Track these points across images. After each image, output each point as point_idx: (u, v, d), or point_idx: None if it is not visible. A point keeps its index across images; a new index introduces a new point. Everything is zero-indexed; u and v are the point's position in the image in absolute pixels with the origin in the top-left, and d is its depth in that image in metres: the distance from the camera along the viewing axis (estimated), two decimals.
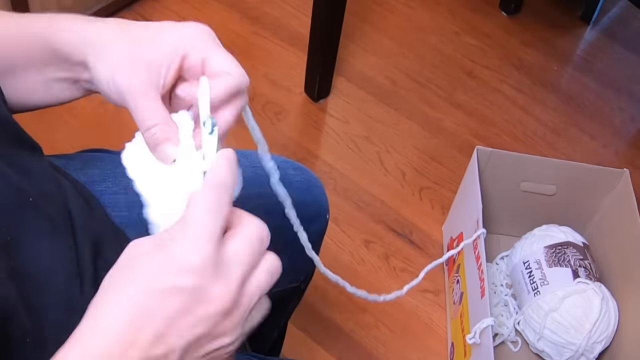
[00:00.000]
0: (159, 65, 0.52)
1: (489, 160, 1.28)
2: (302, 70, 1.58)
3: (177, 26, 0.54)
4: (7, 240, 0.49)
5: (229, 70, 0.52)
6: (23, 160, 0.56)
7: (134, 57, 0.52)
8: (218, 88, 0.52)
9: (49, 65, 0.57)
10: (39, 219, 0.54)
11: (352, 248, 1.38)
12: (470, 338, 1.09)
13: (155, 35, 0.54)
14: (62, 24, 0.56)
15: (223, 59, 0.53)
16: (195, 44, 0.53)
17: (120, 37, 0.53)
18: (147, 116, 0.51)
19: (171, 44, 0.53)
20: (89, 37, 0.54)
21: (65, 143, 1.38)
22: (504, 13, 1.84)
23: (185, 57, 0.53)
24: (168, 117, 0.51)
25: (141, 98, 0.51)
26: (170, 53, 0.53)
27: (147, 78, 0.52)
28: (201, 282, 0.43)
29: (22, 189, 0.53)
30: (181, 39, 0.53)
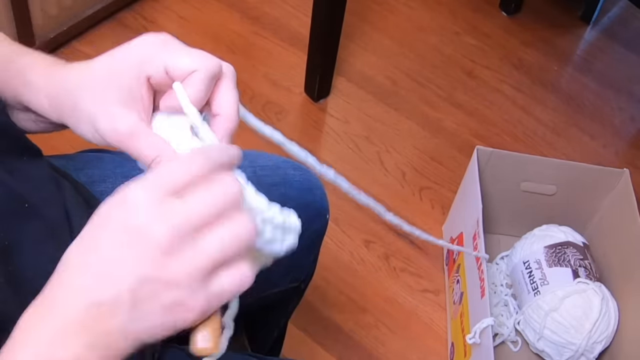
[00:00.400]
0: (133, 100, 0.51)
1: (489, 160, 1.28)
2: (302, 70, 1.58)
3: (128, 49, 0.52)
4: (5, 245, 0.49)
5: (194, 67, 0.51)
6: (22, 165, 0.56)
7: (107, 103, 0.51)
8: (194, 88, 0.50)
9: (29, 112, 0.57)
10: (37, 224, 0.54)
11: (352, 248, 1.38)
12: (470, 338, 1.09)
13: (117, 68, 0.52)
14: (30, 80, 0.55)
15: (181, 60, 0.51)
16: (150, 60, 0.51)
17: (86, 87, 0.52)
18: (143, 153, 0.50)
19: (132, 73, 0.52)
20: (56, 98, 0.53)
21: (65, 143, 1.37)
22: (504, 13, 1.84)
23: (150, 78, 0.52)
24: (162, 143, 0.51)
25: (129, 140, 0.50)
26: (135, 83, 0.51)
27: (127, 117, 0.51)
28: (143, 218, 0.42)
29: (20, 194, 0.53)
30: (137, 61, 0.52)
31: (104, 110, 0.51)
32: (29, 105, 0.55)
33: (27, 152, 0.58)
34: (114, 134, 0.51)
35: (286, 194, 0.81)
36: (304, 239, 0.86)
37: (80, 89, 0.52)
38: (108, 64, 0.53)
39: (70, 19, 1.54)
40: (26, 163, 0.57)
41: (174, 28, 1.67)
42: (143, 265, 0.42)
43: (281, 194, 0.80)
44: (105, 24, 1.63)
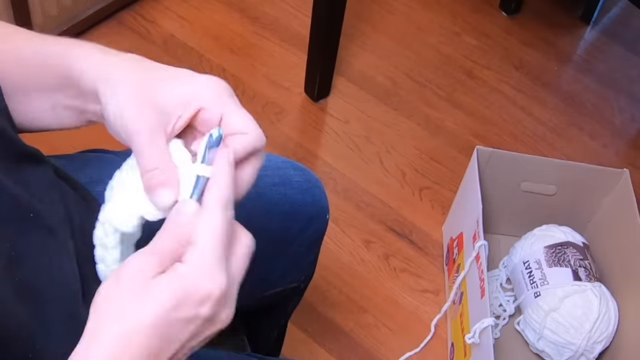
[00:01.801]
0: (170, 113, 0.51)
1: (489, 160, 1.28)
2: (302, 70, 1.58)
3: (195, 78, 0.53)
4: (12, 255, 0.49)
5: (246, 130, 0.52)
6: (24, 173, 0.55)
7: (146, 99, 0.51)
8: (235, 146, 0.51)
9: (59, 91, 0.56)
10: (42, 233, 0.54)
11: (352, 248, 1.38)
12: (470, 338, 1.09)
13: (172, 82, 0.53)
14: (78, 51, 0.55)
15: (241, 118, 0.52)
16: (212, 100, 0.52)
17: (135, 75, 0.52)
18: (149, 159, 0.50)
19: (185, 96, 0.52)
20: (104, 68, 0.53)
21: (66, 143, 1.38)
22: (504, 13, 1.84)
23: (202, 111, 0.52)
24: (171, 164, 0.51)
25: (146, 140, 0.50)
26: (183, 104, 0.52)
27: (156, 122, 0.51)
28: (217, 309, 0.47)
29: (23, 203, 0.53)
30: (197, 92, 0.52)
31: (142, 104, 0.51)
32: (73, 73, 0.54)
33: (29, 158, 0.58)
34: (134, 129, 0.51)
35: (286, 194, 0.81)
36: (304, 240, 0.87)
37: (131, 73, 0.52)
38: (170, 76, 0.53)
39: (70, 19, 1.54)
40: (29, 170, 0.57)
41: (174, 28, 1.67)
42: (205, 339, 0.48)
43: (281, 194, 0.80)
44: (105, 24, 1.63)
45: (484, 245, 1.14)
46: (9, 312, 0.47)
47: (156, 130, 0.51)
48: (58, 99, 0.57)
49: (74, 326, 0.54)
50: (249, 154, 0.52)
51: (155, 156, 0.50)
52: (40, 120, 0.59)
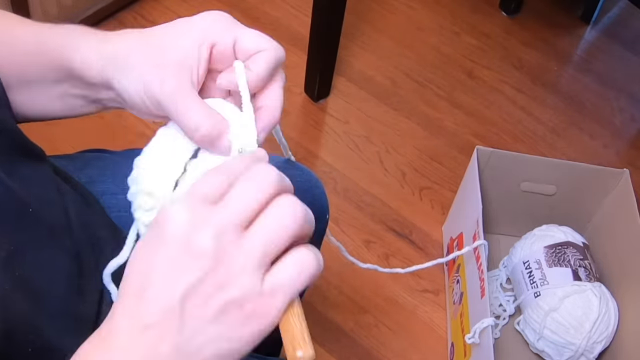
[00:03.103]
0: (188, 64, 0.50)
1: (489, 160, 1.28)
2: (302, 70, 1.58)
3: (194, 20, 0.52)
4: (11, 250, 0.49)
5: (263, 46, 0.51)
6: (24, 169, 0.55)
7: (161, 63, 0.50)
8: (258, 67, 0.50)
9: (64, 82, 0.56)
10: (40, 229, 0.54)
11: (352, 248, 1.38)
12: (470, 338, 1.09)
13: (175, 35, 0.52)
14: (77, 41, 0.54)
15: (253, 37, 0.51)
16: (218, 31, 0.51)
17: (140, 47, 0.51)
18: (192, 118, 0.49)
19: (194, 39, 0.51)
20: (107, 55, 0.52)
21: (65, 143, 1.38)
22: (504, 13, 1.84)
23: (214, 46, 0.51)
24: (212, 111, 0.49)
25: (180, 101, 0.49)
26: (196, 49, 0.51)
27: (180, 79, 0.50)
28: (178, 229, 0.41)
29: (22, 198, 0.53)
30: (202, 30, 0.51)
31: (159, 71, 0.50)
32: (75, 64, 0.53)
33: (29, 154, 0.58)
34: (162, 95, 0.49)
35: None
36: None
37: (133, 48, 0.51)
38: (167, 29, 0.52)
39: (71, 18, 1.54)
40: (29, 166, 0.57)
41: None
42: (188, 277, 0.40)
43: None
44: (105, 24, 1.63)
45: (484, 245, 1.14)
46: (9, 306, 0.47)
47: (184, 89, 0.49)
48: (65, 89, 0.56)
49: (72, 322, 0.54)
50: (274, 69, 0.51)
51: (195, 112, 0.49)
52: (51, 109, 0.59)
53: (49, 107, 0.58)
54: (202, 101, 0.50)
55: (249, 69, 0.51)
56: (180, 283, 0.40)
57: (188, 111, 0.49)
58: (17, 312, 0.48)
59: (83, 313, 0.56)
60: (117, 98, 0.53)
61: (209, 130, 0.48)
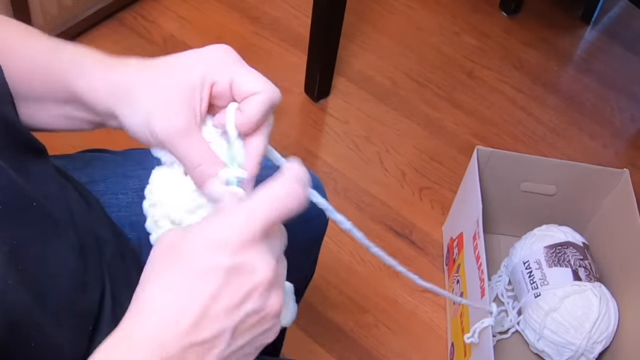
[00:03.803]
0: (192, 104, 0.52)
1: (489, 160, 1.28)
2: (302, 70, 1.58)
3: (199, 54, 0.53)
4: (14, 244, 0.49)
5: (257, 89, 0.52)
6: (28, 164, 0.56)
7: (166, 100, 0.51)
8: (250, 109, 0.52)
9: (69, 104, 0.57)
10: (44, 223, 0.54)
11: (352, 248, 1.38)
12: (469, 337, 1.09)
13: (181, 71, 0.53)
14: (84, 67, 0.54)
15: (249, 80, 0.52)
16: (219, 71, 0.52)
17: (145, 82, 0.52)
18: (190, 157, 0.51)
19: (199, 75, 0.52)
20: (112, 85, 0.53)
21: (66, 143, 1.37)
22: (504, 13, 1.84)
23: (214, 85, 0.52)
24: (211, 153, 0.52)
25: (181, 140, 0.51)
26: (199, 88, 0.52)
27: (184, 117, 0.51)
28: (239, 257, 0.43)
29: (26, 193, 0.53)
30: (207, 66, 0.52)
31: (164, 107, 0.51)
32: (79, 91, 0.54)
33: (33, 150, 0.58)
34: (165, 132, 0.51)
35: None
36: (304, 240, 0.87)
37: (138, 80, 0.52)
38: (173, 62, 0.53)
39: (71, 18, 1.54)
40: (33, 161, 0.57)
41: (174, 28, 1.67)
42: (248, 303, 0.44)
43: None
44: (106, 24, 1.63)
45: (484, 245, 1.14)
46: (12, 300, 0.47)
47: (187, 127, 0.51)
48: (69, 110, 0.57)
49: (74, 318, 0.54)
50: (268, 112, 0.52)
51: (194, 152, 0.51)
52: (53, 126, 0.60)
53: (50, 123, 0.59)
54: (201, 141, 0.52)
55: (240, 110, 0.52)
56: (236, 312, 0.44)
57: (186, 152, 0.51)
58: (19, 307, 0.48)
59: (85, 309, 0.56)
60: (120, 125, 0.55)
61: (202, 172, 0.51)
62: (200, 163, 0.51)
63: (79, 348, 0.54)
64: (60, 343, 0.51)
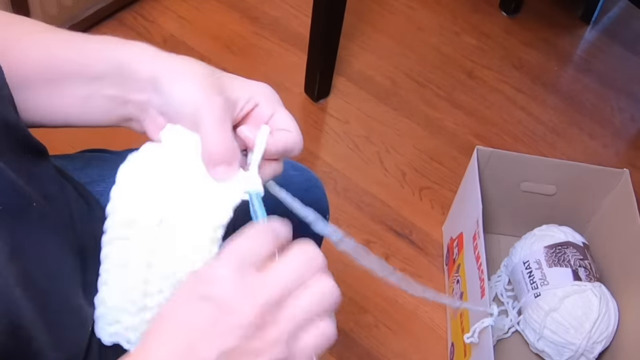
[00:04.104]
0: (237, 105, 0.55)
1: (489, 160, 1.28)
2: (302, 70, 1.58)
3: (250, 81, 0.57)
4: (14, 245, 0.49)
5: (291, 129, 0.57)
6: (28, 165, 0.56)
7: (214, 88, 0.53)
8: (278, 140, 0.55)
9: (103, 79, 0.56)
10: (44, 224, 0.54)
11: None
12: (468, 337, 1.09)
13: (233, 79, 0.56)
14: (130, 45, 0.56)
15: (287, 118, 0.57)
16: (267, 99, 0.57)
17: (198, 67, 0.54)
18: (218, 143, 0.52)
19: (246, 90, 0.56)
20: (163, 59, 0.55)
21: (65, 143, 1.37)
22: (504, 13, 1.84)
23: (257, 106, 0.56)
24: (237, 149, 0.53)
25: (216, 125, 0.52)
26: (244, 97, 0.55)
27: (225, 108, 0.53)
28: (226, 292, 0.44)
29: (26, 194, 0.53)
30: (254, 90, 0.56)
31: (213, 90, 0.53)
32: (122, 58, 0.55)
33: (34, 150, 0.58)
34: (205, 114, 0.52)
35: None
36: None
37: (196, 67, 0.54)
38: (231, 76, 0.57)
39: (71, 18, 1.54)
40: (33, 162, 0.57)
41: (174, 28, 1.67)
42: (228, 340, 0.44)
43: None
44: (106, 24, 1.63)
45: (484, 245, 1.14)
46: (12, 301, 0.47)
47: (225, 117, 0.53)
48: (96, 87, 0.56)
49: (75, 320, 0.54)
50: (287, 151, 0.56)
51: (224, 140, 0.52)
52: (68, 112, 0.59)
53: (67, 109, 0.58)
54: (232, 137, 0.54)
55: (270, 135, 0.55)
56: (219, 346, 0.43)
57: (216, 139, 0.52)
58: (20, 307, 0.48)
59: (85, 309, 0.56)
60: (147, 104, 0.55)
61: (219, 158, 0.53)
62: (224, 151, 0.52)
63: (79, 348, 0.54)
64: (62, 343, 0.51)
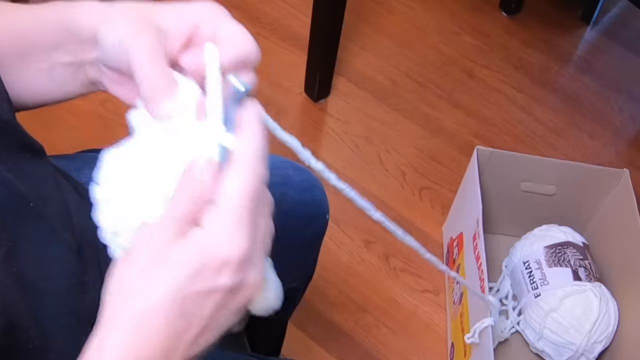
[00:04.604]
0: (168, 30, 0.50)
1: (489, 160, 1.28)
2: (302, 70, 1.58)
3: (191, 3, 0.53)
4: (10, 246, 0.49)
5: (239, 39, 0.51)
6: (24, 165, 0.55)
7: (145, 23, 0.50)
8: (226, 54, 0.49)
9: (57, 48, 0.55)
10: (41, 225, 0.54)
11: (352, 248, 1.38)
12: (469, 337, 1.09)
13: (169, 8, 0.52)
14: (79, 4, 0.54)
15: (234, 28, 0.51)
16: (207, 17, 0.51)
17: (134, 9, 0.52)
18: (151, 79, 0.48)
19: (182, 14, 0.51)
20: (103, 12, 0.53)
21: (65, 143, 1.38)
22: (504, 13, 1.84)
23: (197, 27, 0.51)
24: (174, 82, 0.49)
25: (147, 59, 0.48)
26: (181, 22, 0.51)
27: (155, 41, 0.49)
28: (239, 276, 0.44)
29: (23, 194, 0.52)
30: (193, 11, 0.51)
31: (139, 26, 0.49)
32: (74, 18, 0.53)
33: (31, 150, 0.58)
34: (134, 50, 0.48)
35: (286, 194, 0.81)
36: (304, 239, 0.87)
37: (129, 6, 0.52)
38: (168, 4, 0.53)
39: None
40: (29, 162, 0.57)
41: None
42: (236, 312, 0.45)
43: (281, 193, 0.80)
44: None
45: (484, 245, 1.14)
46: (9, 302, 0.47)
47: (156, 51, 0.49)
48: (55, 57, 0.56)
49: (74, 320, 0.54)
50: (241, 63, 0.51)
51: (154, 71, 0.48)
52: (39, 87, 0.58)
53: (38, 84, 0.58)
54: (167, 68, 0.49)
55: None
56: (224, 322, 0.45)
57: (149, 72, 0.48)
58: (17, 309, 0.48)
59: (84, 309, 0.56)
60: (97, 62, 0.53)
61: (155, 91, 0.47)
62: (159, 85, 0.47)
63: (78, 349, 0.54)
64: (59, 344, 0.51)
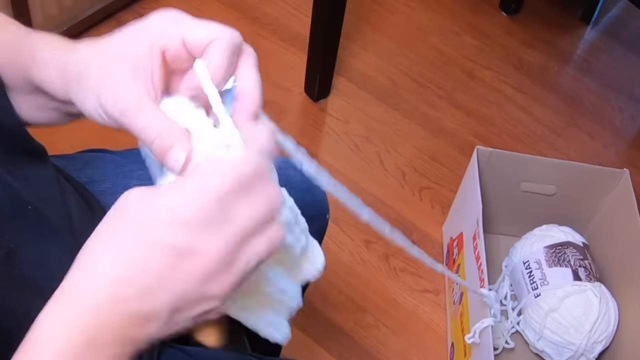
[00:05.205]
0: (143, 75, 0.48)
1: (489, 160, 1.28)
2: (302, 70, 1.58)
3: (143, 24, 0.50)
4: (10, 248, 0.49)
5: (212, 36, 0.48)
6: (25, 167, 0.55)
7: (116, 76, 0.48)
8: (213, 58, 0.47)
9: (37, 95, 0.55)
10: (40, 227, 0.54)
11: (352, 248, 1.38)
12: (470, 338, 1.09)
13: (128, 43, 0.49)
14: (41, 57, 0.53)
15: (199, 30, 0.48)
16: (166, 35, 0.49)
17: (95, 62, 0.49)
18: (147, 130, 0.46)
19: (144, 45, 0.49)
20: (66, 72, 0.51)
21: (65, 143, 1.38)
22: (504, 13, 1.84)
23: (165, 50, 0.49)
24: (169, 122, 0.47)
25: (135, 115, 0.47)
26: (148, 57, 0.48)
27: (134, 90, 0.47)
28: (193, 237, 0.42)
29: (22, 196, 0.52)
30: (152, 37, 0.49)
31: (109, 83, 0.48)
32: (38, 82, 0.53)
33: (32, 152, 0.58)
34: (115, 108, 0.47)
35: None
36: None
37: (88, 61, 0.50)
38: (120, 38, 0.50)
39: (70, 19, 1.54)
40: (30, 163, 0.57)
41: None
42: (188, 284, 0.42)
43: None
44: (105, 24, 1.63)
45: (484, 245, 1.14)
46: (9, 304, 0.47)
47: (140, 100, 0.47)
48: (40, 101, 0.56)
49: None
50: (232, 55, 0.48)
51: (150, 124, 0.46)
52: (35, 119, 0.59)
53: (31, 116, 0.58)
54: (158, 112, 0.47)
55: None
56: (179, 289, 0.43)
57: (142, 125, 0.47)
58: (17, 311, 0.48)
59: None
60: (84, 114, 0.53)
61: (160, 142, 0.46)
62: (160, 132, 0.46)
63: None
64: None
